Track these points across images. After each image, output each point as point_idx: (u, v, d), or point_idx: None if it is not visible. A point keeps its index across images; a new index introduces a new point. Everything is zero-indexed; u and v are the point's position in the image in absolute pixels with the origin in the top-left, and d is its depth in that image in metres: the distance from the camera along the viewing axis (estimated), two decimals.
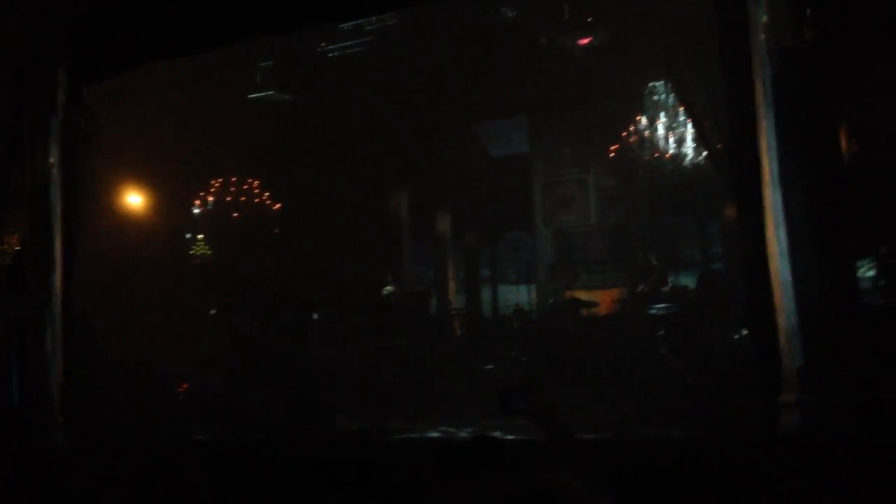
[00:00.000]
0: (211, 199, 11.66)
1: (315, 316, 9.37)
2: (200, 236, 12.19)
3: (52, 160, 6.64)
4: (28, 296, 6.48)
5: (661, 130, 9.61)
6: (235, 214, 11.72)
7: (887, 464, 3.83)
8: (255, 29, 6.74)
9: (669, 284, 9.06)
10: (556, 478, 1.67)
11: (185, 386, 8.37)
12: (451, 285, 12.34)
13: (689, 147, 9.49)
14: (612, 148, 10.38)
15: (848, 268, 4.75)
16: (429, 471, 2.72)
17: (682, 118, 9.46)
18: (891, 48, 5.37)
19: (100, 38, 6.81)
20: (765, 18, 4.78)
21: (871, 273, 5.31)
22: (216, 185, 11.75)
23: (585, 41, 9.29)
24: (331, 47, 9.95)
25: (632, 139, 9.80)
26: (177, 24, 6.58)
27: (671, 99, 9.53)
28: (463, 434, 6.77)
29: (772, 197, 4.62)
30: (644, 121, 9.70)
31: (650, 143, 9.64)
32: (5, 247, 6.65)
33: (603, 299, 9.84)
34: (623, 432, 6.23)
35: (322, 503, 2.64)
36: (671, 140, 9.54)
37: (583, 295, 9.58)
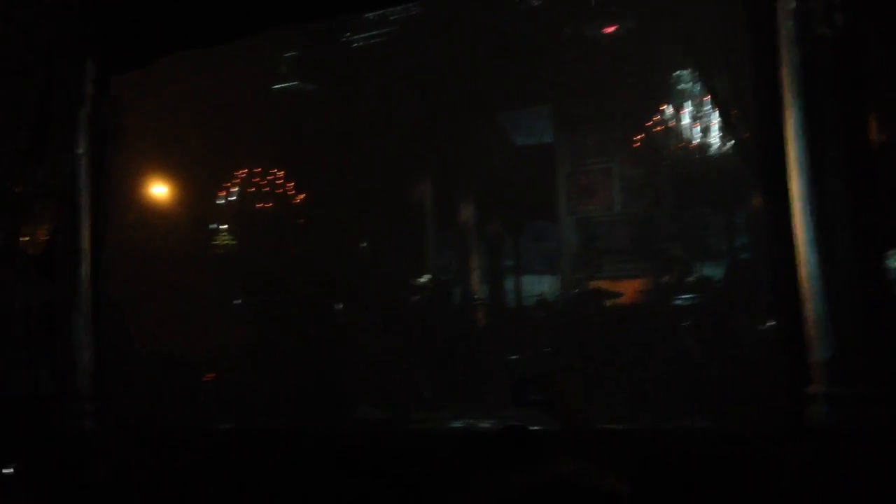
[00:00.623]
0: (235, 189, 11.73)
1: (339, 305, 9.41)
2: (225, 227, 12.27)
3: (79, 151, 6.70)
4: (56, 284, 6.56)
5: (686, 119, 9.52)
6: (259, 205, 11.78)
7: None
8: (281, 18, 6.75)
9: (695, 275, 8.99)
10: (578, 469, 1.68)
11: (210, 374, 8.45)
12: (475, 275, 12.33)
13: (715, 136, 9.40)
14: (637, 137, 10.30)
15: (877, 258, 4.69)
16: (452, 461, 2.72)
17: (708, 107, 9.37)
18: None
19: (128, 29, 6.85)
20: (793, 5, 4.71)
21: None
22: (241, 175, 11.81)
23: (611, 29, 9.23)
24: (355, 37, 9.96)
25: (657, 128, 9.72)
26: (203, 14, 6.62)
27: (697, 87, 9.44)
28: (485, 424, 6.79)
29: (799, 186, 4.57)
30: (670, 109, 9.61)
31: (676, 132, 9.55)
32: (34, 237, 6.74)
33: (627, 289, 9.78)
34: (647, 423, 6.22)
35: (344, 491, 2.66)
36: (697, 129, 9.45)
37: (607, 285, 9.53)
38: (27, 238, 6.74)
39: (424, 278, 10.64)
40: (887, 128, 5.40)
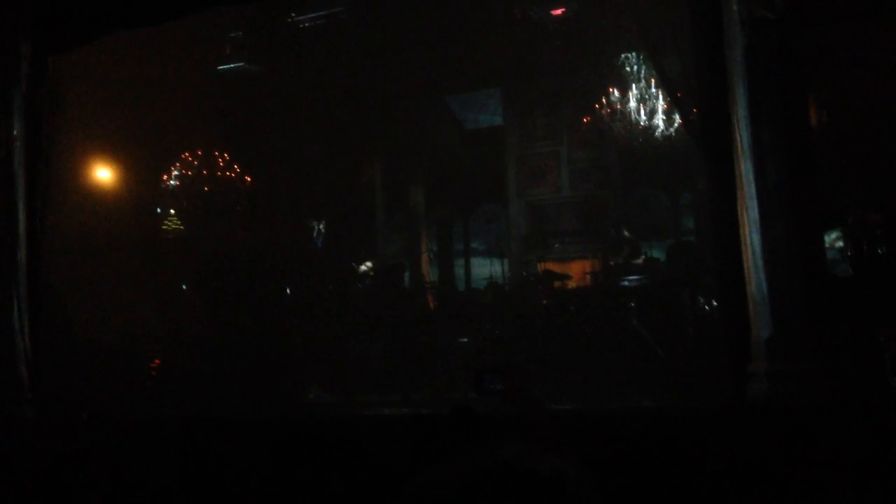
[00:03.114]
0: (181, 173, 11.50)
1: (287, 290, 9.33)
2: (171, 211, 12.04)
3: (14, 133, 6.49)
4: None
5: (633, 102, 9.60)
6: (206, 188, 11.57)
7: (852, 430, 3.90)
8: None
9: (642, 256, 9.11)
10: (521, 451, 1.68)
11: (156, 361, 8.31)
12: (424, 258, 12.32)
13: (661, 118, 9.51)
14: (584, 120, 10.38)
15: (817, 238, 4.81)
16: (399, 446, 2.72)
17: (654, 89, 9.46)
18: (857, 20, 5.40)
19: (64, 7, 6.65)
20: None
21: (839, 244, 5.37)
22: (186, 158, 11.59)
23: (558, 12, 9.25)
24: (300, 17, 9.82)
25: (604, 111, 9.80)
26: None
27: (644, 70, 9.52)
28: (434, 408, 6.80)
29: (744, 167, 4.65)
30: (616, 92, 9.69)
31: (622, 115, 9.64)
32: None
33: (576, 271, 9.88)
34: (594, 403, 6.29)
35: (292, 477, 2.63)
36: (643, 111, 9.54)
37: (556, 267, 9.60)
38: None
39: (373, 262, 10.59)
40: (826, 111, 5.53)
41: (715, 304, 6.97)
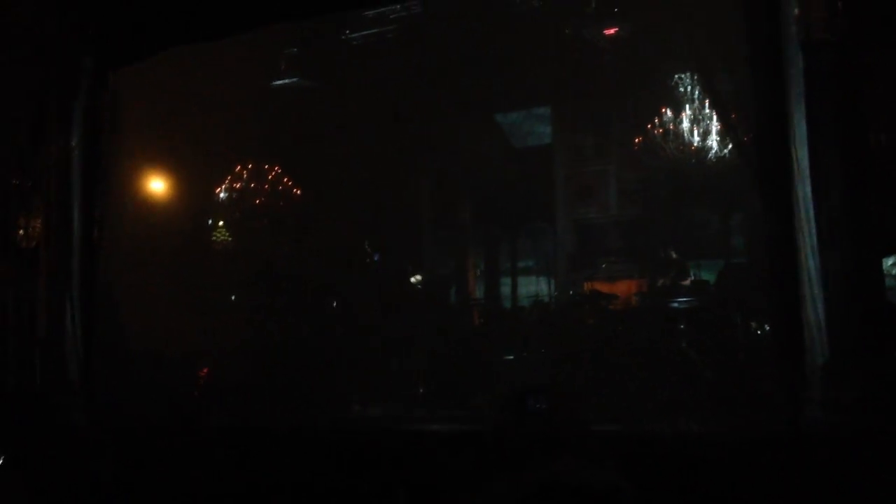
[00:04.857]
0: (233, 185, 11.69)
1: (335, 303, 9.38)
2: (222, 222, 12.23)
3: (74, 144, 6.65)
4: (48, 277, 6.51)
5: (686, 122, 9.51)
6: (258, 201, 11.74)
7: None
8: (280, 13, 6.73)
9: (691, 277, 8.98)
10: (574, 466, 1.66)
11: (205, 370, 8.41)
12: (471, 275, 12.32)
13: (714, 139, 9.40)
14: (636, 140, 10.30)
15: (875, 265, 4.69)
16: (449, 461, 2.71)
17: (707, 110, 9.36)
18: None
19: (126, 23, 6.81)
20: (796, 10, 4.71)
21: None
22: (239, 171, 11.78)
23: (611, 31, 9.22)
24: (354, 35, 9.94)
25: (656, 131, 9.71)
26: (202, 9, 6.59)
27: (697, 91, 9.43)
28: (481, 425, 6.76)
29: (800, 191, 4.56)
30: (669, 112, 9.61)
31: (674, 135, 9.55)
32: (29, 230, 6.69)
33: (623, 291, 9.77)
34: (642, 425, 6.20)
35: (342, 491, 2.65)
36: (696, 132, 9.44)
37: (603, 287, 9.51)
38: (22, 231, 6.70)
39: (421, 278, 10.61)
40: (886, 135, 5.40)
41: (767, 328, 6.83)
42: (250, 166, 11.66)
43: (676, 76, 9.56)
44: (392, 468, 2.71)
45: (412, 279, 10.77)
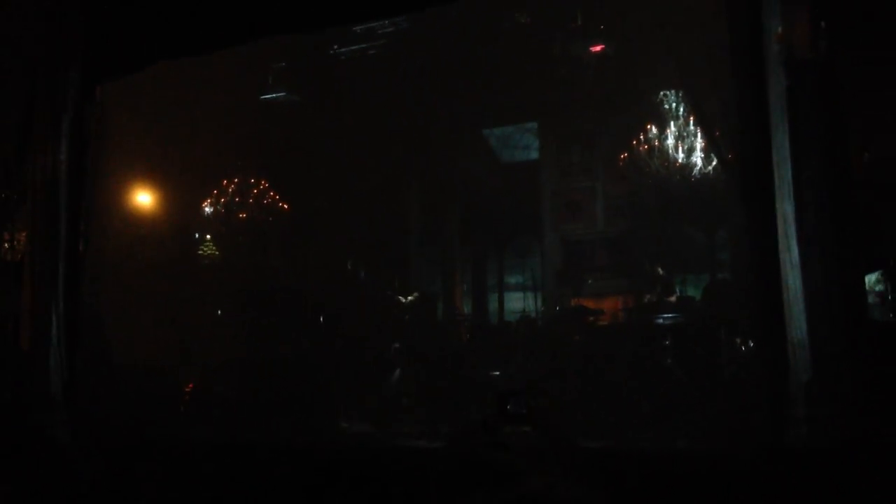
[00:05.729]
0: (220, 198, 11.67)
1: (322, 318, 9.37)
2: (209, 236, 12.20)
3: (61, 157, 6.63)
4: (33, 290, 6.47)
5: (671, 139, 9.59)
6: (243, 215, 11.72)
7: (894, 478, 3.81)
8: (268, 28, 6.73)
9: (676, 294, 9.03)
10: (550, 483, 1.67)
11: (190, 386, 8.36)
12: (458, 290, 12.32)
13: (699, 156, 9.47)
14: (621, 156, 10.37)
15: (858, 281, 4.73)
16: (434, 478, 2.71)
17: (692, 127, 9.44)
18: None
19: (114, 36, 6.81)
20: (779, 29, 4.76)
21: (879, 287, 5.28)
22: (225, 184, 11.76)
23: (598, 49, 9.30)
24: (342, 50, 9.97)
25: (642, 147, 9.78)
26: (189, 23, 6.59)
27: (682, 108, 9.51)
28: (465, 441, 6.75)
29: (784, 208, 4.60)
30: (654, 129, 9.68)
31: (660, 152, 9.62)
32: (15, 243, 6.66)
33: (609, 307, 9.81)
34: (627, 441, 6.21)
35: None
36: (681, 149, 9.52)
37: (589, 303, 9.55)
38: (7, 244, 6.66)
39: (408, 293, 10.61)
40: (868, 152, 5.47)
41: (752, 344, 6.87)
42: (237, 181, 11.65)
43: (661, 93, 9.64)
44: (376, 484, 2.70)
45: (399, 294, 10.76)
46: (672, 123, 9.63)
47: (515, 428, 2.56)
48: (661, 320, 8.22)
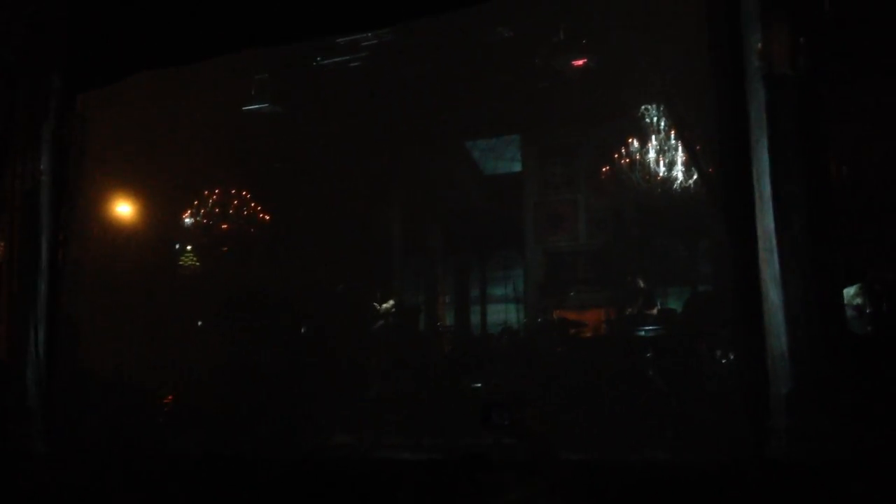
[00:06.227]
0: (200, 209, 11.62)
1: (303, 329, 9.33)
2: (189, 247, 12.13)
3: (42, 166, 6.59)
4: (12, 300, 6.42)
5: (652, 153, 9.66)
6: (225, 225, 11.67)
7: (871, 489, 3.83)
8: (251, 40, 6.73)
9: (658, 307, 9.07)
10: (525, 497, 1.67)
11: (170, 397, 8.30)
12: (441, 302, 12.33)
13: (680, 170, 9.55)
14: (603, 169, 10.43)
15: (837, 295, 4.77)
16: (413, 491, 2.70)
17: (673, 141, 9.51)
18: (881, 77, 5.44)
19: (95, 45, 6.78)
20: (759, 45, 4.82)
21: (857, 300, 5.34)
22: (206, 195, 11.71)
23: (580, 62, 9.36)
24: (326, 61, 9.99)
25: (623, 161, 9.85)
26: (172, 33, 6.58)
27: (664, 122, 9.59)
28: (448, 453, 6.74)
29: (764, 222, 4.64)
30: (636, 143, 9.75)
31: (641, 165, 9.69)
32: None
33: (591, 320, 9.84)
34: (608, 453, 6.22)
35: None
36: (662, 162, 9.59)
37: (571, 315, 9.58)
38: None
39: (390, 304, 10.59)
40: (847, 167, 5.54)
41: (732, 357, 6.91)
42: (218, 191, 11.60)
43: (643, 107, 9.72)
44: (357, 496, 2.69)
45: (381, 306, 10.75)
46: (653, 137, 9.70)
47: (498, 440, 2.56)
48: (642, 332, 8.27)
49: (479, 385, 8.33)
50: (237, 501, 4.30)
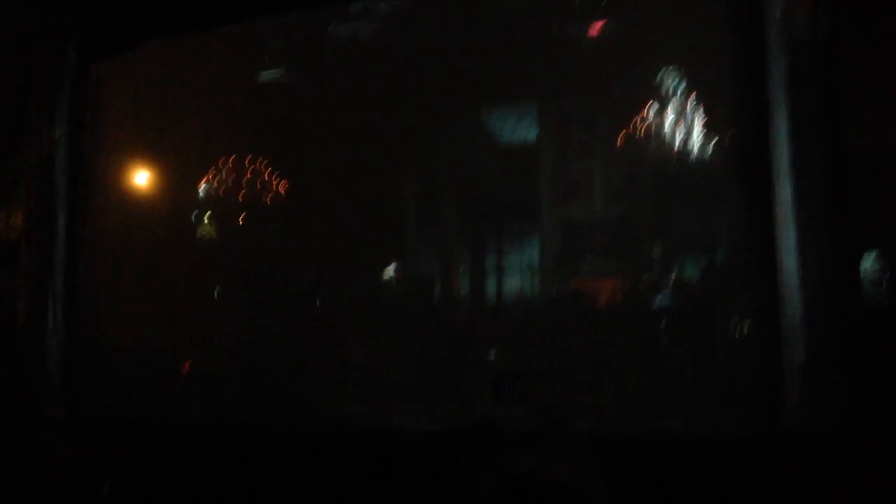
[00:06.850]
0: (216, 178, 11.64)
1: (318, 300, 9.37)
2: (205, 217, 12.17)
3: (57, 136, 6.60)
4: (30, 270, 6.47)
5: (669, 120, 9.56)
6: (241, 196, 11.70)
7: (887, 462, 3.82)
8: (267, 5, 6.70)
9: (674, 276, 9.03)
10: (538, 463, 1.67)
11: (187, 365, 8.39)
12: (455, 272, 12.32)
13: (697, 137, 9.45)
14: (619, 137, 10.34)
15: (854, 265, 4.72)
16: (426, 459, 2.70)
17: (691, 108, 9.41)
18: None
19: (110, 14, 6.76)
20: (779, 11, 4.73)
21: (875, 270, 5.27)
22: (222, 165, 11.72)
23: (595, 28, 9.25)
24: (339, 28, 9.92)
25: (640, 128, 9.75)
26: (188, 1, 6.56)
27: (681, 89, 9.47)
28: (462, 423, 6.76)
29: (781, 191, 4.59)
30: (652, 110, 9.65)
31: (658, 133, 9.59)
32: (10, 222, 6.64)
33: (607, 289, 9.81)
34: (622, 423, 6.23)
35: (318, 488, 2.64)
36: (679, 130, 9.49)
37: (587, 284, 9.55)
38: (3, 224, 6.65)
39: (405, 274, 10.60)
40: (867, 135, 5.44)
41: (747, 327, 6.88)
42: (232, 161, 11.61)
43: (660, 74, 9.60)
44: (369, 464, 2.71)
45: (394, 275, 10.76)
46: (670, 104, 9.60)
47: (510, 411, 2.57)
48: (658, 301, 8.24)
49: (494, 355, 8.36)
50: (251, 469, 4.35)
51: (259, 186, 11.74)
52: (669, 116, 9.56)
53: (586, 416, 6.05)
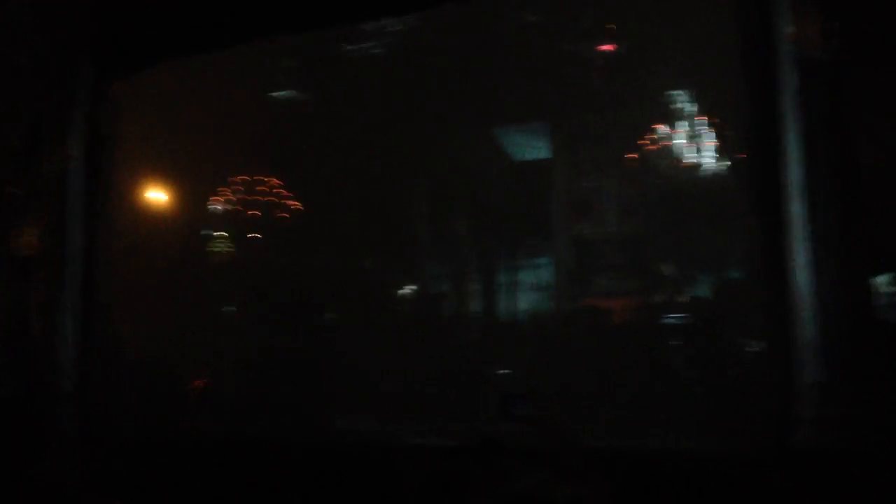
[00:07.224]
0: (229, 196, 11.71)
1: (330, 315, 9.39)
2: (218, 233, 12.24)
3: (73, 154, 6.66)
4: (45, 286, 6.51)
5: (680, 139, 9.57)
6: (253, 213, 11.76)
7: None
8: (281, 25, 6.75)
9: (685, 294, 9.01)
10: (540, 481, 1.67)
11: (199, 382, 8.41)
12: (468, 289, 12.32)
13: (708, 156, 9.45)
14: (631, 155, 10.35)
15: (867, 283, 4.70)
16: (434, 474, 2.71)
17: (701, 127, 9.41)
18: None
19: (126, 32, 6.84)
20: (790, 29, 4.73)
21: (888, 289, 5.25)
22: (234, 181, 11.80)
23: (608, 48, 9.29)
24: (352, 48, 10.00)
25: (652, 147, 9.77)
26: (202, 20, 6.62)
27: (692, 107, 9.49)
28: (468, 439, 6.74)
29: (794, 208, 4.58)
30: (664, 129, 9.66)
31: (669, 151, 9.60)
32: (25, 238, 6.69)
33: (618, 307, 9.79)
34: (633, 441, 6.19)
35: (326, 501, 2.65)
36: (691, 148, 9.50)
37: (598, 302, 9.54)
38: (18, 239, 6.70)
39: (417, 291, 10.62)
40: (878, 153, 5.43)
41: (760, 345, 6.85)
42: (246, 178, 11.69)
43: (671, 93, 9.62)
44: (379, 480, 2.71)
45: (409, 292, 10.78)
46: (681, 123, 9.61)
47: (516, 428, 2.56)
48: (670, 319, 8.22)
49: (506, 371, 8.34)
50: (261, 484, 4.35)
51: (271, 203, 11.80)
52: (681, 134, 9.57)
53: (596, 433, 6.02)
